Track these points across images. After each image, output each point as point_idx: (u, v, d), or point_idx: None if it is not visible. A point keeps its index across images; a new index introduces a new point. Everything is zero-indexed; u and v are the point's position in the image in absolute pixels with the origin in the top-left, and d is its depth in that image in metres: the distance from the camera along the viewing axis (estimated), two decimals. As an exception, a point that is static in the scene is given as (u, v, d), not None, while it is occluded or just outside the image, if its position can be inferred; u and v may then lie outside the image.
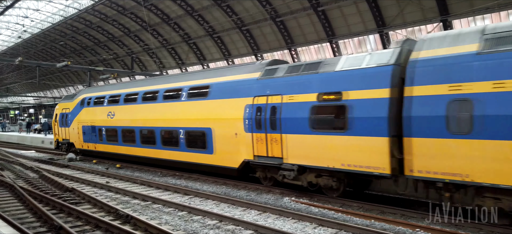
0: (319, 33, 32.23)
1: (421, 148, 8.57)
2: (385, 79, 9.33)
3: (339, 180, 10.68)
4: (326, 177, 10.86)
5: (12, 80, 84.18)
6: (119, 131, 18.60)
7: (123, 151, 18.69)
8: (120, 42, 49.84)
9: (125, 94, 18.75)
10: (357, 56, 10.52)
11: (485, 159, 7.71)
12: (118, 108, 18.80)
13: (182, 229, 8.51)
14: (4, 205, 10.52)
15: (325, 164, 10.40)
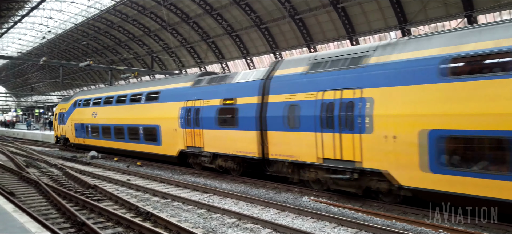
0: (338, 30, 31.87)
1: (273, 138, 12.23)
2: (256, 90, 12.92)
3: (238, 163, 14.21)
4: (229, 161, 14.36)
5: (37, 79, 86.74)
6: (100, 128, 22.29)
7: (103, 144, 22.36)
8: (140, 41, 50.59)
9: (105, 97, 22.46)
10: (248, 72, 14.27)
11: (301, 145, 11.30)
12: (100, 109, 22.54)
13: (202, 227, 8.55)
14: (30, 201, 10.82)
15: (227, 151, 14.00)
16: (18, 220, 6.16)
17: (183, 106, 15.87)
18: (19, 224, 5.93)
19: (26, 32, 59.98)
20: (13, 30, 57.13)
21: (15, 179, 14.52)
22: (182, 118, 15.82)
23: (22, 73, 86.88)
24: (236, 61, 42.44)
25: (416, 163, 8.82)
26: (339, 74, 10.64)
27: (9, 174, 15.68)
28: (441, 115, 8.39)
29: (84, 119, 24.37)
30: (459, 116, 8.10)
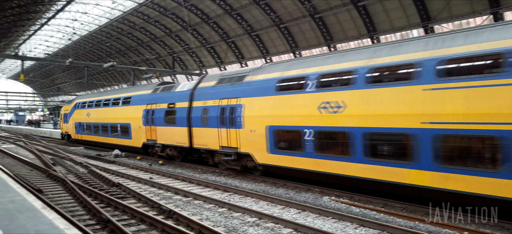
0: (359, 29, 31.50)
1: (195, 133, 16.95)
2: (187, 97, 17.62)
3: (179, 151, 19.07)
4: (173, 150, 19.25)
5: (63, 79, 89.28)
6: (92, 126, 27.74)
7: (94, 139, 27.85)
8: (162, 42, 51.37)
9: (95, 101, 27.99)
10: (185, 83, 19.28)
11: (210, 137, 15.90)
12: (92, 110, 27.96)
13: (223, 225, 8.64)
14: (57, 198, 11.19)
15: (171, 142, 18.86)
16: (47, 217, 6.39)
17: (144, 108, 20.75)
18: (48, 221, 6.16)
19: (53, 34, 61.85)
20: (40, 32, 59.06)
21: (43, 177, 15.02)
22: (144, 118, 20.71)
23: (49, 73, 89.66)
24: (256, 61, 42.52)
25: (264, 148, 13.52)
26: (230, 87, 15.38)
27: (37, 172, 16.24)
28: (273, 116, 13.14)
29: (81, 119, 29.80)
30: (280, 117, 12.88)
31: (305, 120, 11.97)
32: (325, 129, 11.46)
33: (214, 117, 15.53)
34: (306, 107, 11.96)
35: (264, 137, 13.31)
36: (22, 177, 13.96)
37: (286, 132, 12.81)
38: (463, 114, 8.61)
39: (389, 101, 9.98)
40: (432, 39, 9.91)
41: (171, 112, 18.47)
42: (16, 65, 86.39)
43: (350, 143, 10.74)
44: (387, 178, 10.07)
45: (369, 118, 10.31)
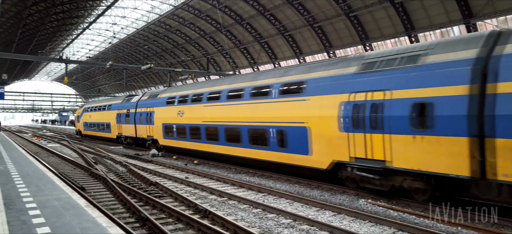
0: (396, 27, 30.64)
1: (138, 128, 27.61)
2: (134, 106, 28.13)
3: (133, 140, 28.78)
4: (129, 139, 29.62)
5: (103, 81, 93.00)
6: (94, 124, 38.94)
7: (93, 134, 39.74)
8: (196, 44, 52.33)
9: (95, 106, 39.70)
10: (137, 96, 29.74)
11: (143, 130, 27.08)
12: (92, 113, 39.86)
13: (257, 226, 8.68)
14: (99, 196, 11.67)
15: (128, 134, 29.52)
16: (90, 215, 6.69)
17: (117, 112, 31.77)
18: (91, 218, 6.44)
19: (94, 37, 64.59)
20: (82, 36, 61.86)
21: (85, 175, 15.72)
22: (117, 119, 31.82)
23: (90, 76, 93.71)
24: (289, 61, 42.37)
25: (161, 135, 23.49)
26: (149, 101, 25.66)
27: (80, 170, 17.01)
28: (164, 118, 22.89)
29: (86, 119, 41.63)
30: (168, 118, 22.70)
31: (185, 121, 20.74)
32: (208, 126, 18.62)
33: (144, 119, 26.14)
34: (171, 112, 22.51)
35: (161, 129, 23.70)
36: (66, 175, 14.67)
37: (181, 128, 21.23)
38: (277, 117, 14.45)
39: (258, 110, 15.43)
40: (281, 70, 15.83)
41: (128, 115, 29.43)
42: (60, 68, 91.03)
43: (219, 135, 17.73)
44: (257, 157, 15.64)
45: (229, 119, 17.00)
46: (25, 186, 9.18)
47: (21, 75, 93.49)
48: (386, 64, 10.94)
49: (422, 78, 9.87)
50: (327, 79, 12.73)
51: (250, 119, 15.67)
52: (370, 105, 10.87)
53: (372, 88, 10.96)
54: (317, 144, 12.70)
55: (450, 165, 9.14)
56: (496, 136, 8.29)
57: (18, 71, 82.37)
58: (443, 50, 9.90)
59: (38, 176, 10.96)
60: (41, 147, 28.79)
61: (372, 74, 11.19)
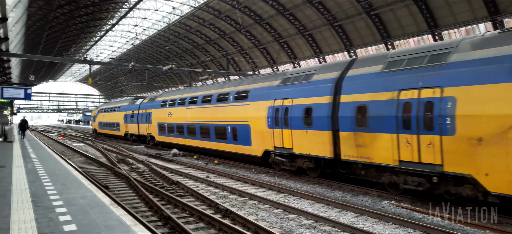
0: (419, 25, 30.00)
1: (140, 126, 32.70)
2: (137, 108, 33.40)
3: (136, 136, 34.83)
4: (134, 136, 35.47)
5: (125, 82, 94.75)
6: (106, 123, 44.80)
7: (104, 131, 45.94)
8: (216, 44, 52.65)
9: (109, 108, 45.19)
10: (139, 100, 35.21)
11: (144, 128, 32.44)
12: (105, 114, 45.69)
13: (278, 227, 8.64)
14: (122, 195, 11.87)
15: (134, 132, 34.75)
16: (115, 213, 6.81)
17: (125, 113, 36.92)
18: (116, 217, 6.55)
19: (116, 39, 65.91)
20: (105, 38, 63.21)
21: (109, 174, 16.04)
22: (125, 118, 37.04)
23: (113, 76, 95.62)
24: (309, 61, 42.10)
25: (157, 133, 28.30)
26: (149, 104, 30.30)
27: (104, 169, 17.37)
28: (159, 118, 27.91)
29: (100, 119, 47.51)
30: (162, 118, 27.34)
31: (173, 120, 25.29)
32: (188, 124, 22.98)
33: (144, 119, 30.98)
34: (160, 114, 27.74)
35: (156, 127, 28.16)
36: (91, 174, 15.00)
37: (171, 126, 25.65)
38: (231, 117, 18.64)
39: (220, 112, 19.66)
40: (237, 81, 20.59)
41: (133, 116, 34.51)
42: (84, 69, 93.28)
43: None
44: (220, 148, 19.76)
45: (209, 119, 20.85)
46: (51, 184, 9.43)
47: (47, 76, 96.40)
48: (294, 80, 15.15)
49: (309, 91, 13.97)
50: (261, 89, 16.89)
51: (215, 119, 20.01)
52: (283, 109, 15.00)
53: (284, 97, 15.08)
54: (255, 137, 16.79)
55: (322, 150, 13.23)
56: (340, 130, 12.40)
57: (44, 73, 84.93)
58: (322, 71, 14.16)
59: (64, 174, 11.24)
60: (66, 146, 29.58)
61: (286, 86, 15.33)
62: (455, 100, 9.21)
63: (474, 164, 8.84)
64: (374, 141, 11.24)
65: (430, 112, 9.72)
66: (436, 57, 10.23)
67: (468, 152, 8.93)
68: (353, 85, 12.27)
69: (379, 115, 11.06)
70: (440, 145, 9.48)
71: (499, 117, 8.40)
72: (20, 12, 26.64)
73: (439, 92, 9.60)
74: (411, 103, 10.19)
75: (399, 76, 10.82)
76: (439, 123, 9.45)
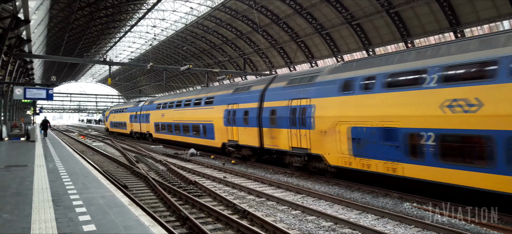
0: (440, 22, 29.28)
1: (142, 125, 37.60)
2: (139, 109, 38.97)
3: (140, 134, 38.85)
4: (138, 134, 39.70)
5: (144, 82, 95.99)
6: (116, 123, 49.31)
7: (116, 130, 49.55)
8: (233, 44, 52.73)
9: (118, 109, 50.41)
10: (141, 102, 41.54)
11: (143, 127, 37.64)
12: (116, 114, 50.13)
13: (297, 229, 8.51)
14: (141, 194, 11.95)
15: (138, 130, 39.15)
16: (133, 213, 6.81)
17: (130, 114, 41.50)
18: (134, 217, 6.55)
19: (135, 40, 66.82)
20: (124, 39, 64.15)
21: (127, 173, 16.20)
22: (130, 118, 41.54)
23: (132, 77, 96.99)
24: (326, 60, 41.68)
25: (153, 130, 33.72)
26: (149, 106, 35.56)
27: (123, 169, 17.57)
28: (157, 119, 32.74)
29: (111, 119, 52.71)
30: (161, 119, 31.87)
31: (165, 120, 30.06)
32: (175, 123, 27.80)
33: (144, 119, 35.81)
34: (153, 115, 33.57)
35: (153, 126, 33.18)
36: (110, 173, 15.18)
37: (163, 125, 30.58)
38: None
39: (196, 113, 24.36)
40: (208, 89, 25.93)
41: (136, 116, 39.09)
42: (104, 70, 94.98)
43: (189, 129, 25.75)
44: (196, 142, 24.36)
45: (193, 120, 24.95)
46: (72, 184, 9.55)
47: (68, 77, 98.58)
48: (240, 90, 20.02)
49: (247, 99, 18.79)
50: (221, 96, 21.85)
51: (193, 119, 24.93)
52: (233, 112, 19.74)
53: (234, 102, 19.95)
54: (217, 133, 21.66)
55: (254, 142, 18.10)
56: (262, 127, 17.18)
57: (66, 73, 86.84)
58: (257, 83, 19.29)
59: (84, 173, 11.39)
60: (86, 146, 30.12)
61: (235, 94, 20.32)
62: (315, 107, 14.02)
63: (323, 148, 13.67)
64: (279, 134, 16.13)
65: (304, 115, 14.47)
66: (310, 78, 15.02)
67: (320, 140, 13.73)
68: (270, 95, 17.09)
69: (281, 116, 15.85)
70: (309, 136, 14.30)
71: (333, 117, 13.14)
72: (42, 14, 27.26)
73: (309, 101, 14.39)
74: (296, 109, 15.00)
75: (292, 90, 15.71)
76: (308, 121, 14.25)
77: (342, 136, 12.66)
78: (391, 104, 11.11)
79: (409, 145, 10.53)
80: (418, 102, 10.32)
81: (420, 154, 10.24)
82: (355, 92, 12.43)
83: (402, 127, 10.71)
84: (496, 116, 8.53)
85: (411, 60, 11.11)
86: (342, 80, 13.15)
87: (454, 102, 9.40)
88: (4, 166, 12.50)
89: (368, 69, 12.31)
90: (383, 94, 11.42)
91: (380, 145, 11.35)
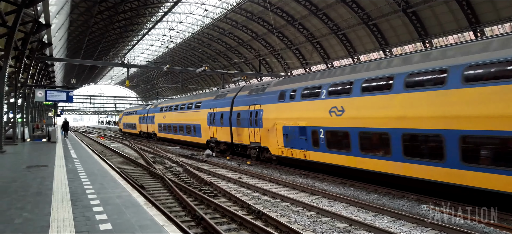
0: (459, 22, 28.70)
1: (146, 126, 44.40)
2: (146, 112, 44.87)
3: (154, 134, 41.49)
4: (145, 133, 45.41)
5: (161, 84, 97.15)
6: (129, 124, 54.51)
7: (128, 130, 55.23)
8: (248, 46, 52.89)
9: (129, 111, 57.81)
10: (149, 105, 50.71)
11: (150, 127, 42.26)
12: (127, 116, 56.95)
13: (311, 230, 8.48)
14: (157, 194, 12.11)
15: (145, 130, 44.22)
16: (148, 213, 6.92)
17: (139, 116, 47.41)
18: (149, 217, 6.66)
19: (152, 43, 67.75)
20: (142, 41, 65.14)
21: (144, 174, 16.44)
22: (139, 119, 47.21)
23: (149, 79, 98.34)
24: (342, 61, 41.35)
25: (157, 130, 39.09)
26: (152, 109, 42.13)
27: (140, 169, 17.84)
28: (160, 121, 38.63)
29: (124, 121, 59.19)
30: (164, 120, 37.13)
31: (166, 121, 35.24)
32: (173, 124, 33.29)
33: (150, 120, 40.60)
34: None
35: (157, 127, 38.27)
36: (127, 174, 15.44)
37: (165, 125, 35.62)
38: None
39: (188, 115, 29.25)
40: (196, 96, 33.13)
41: (144, 118, 44.14)
42: (122, 72, 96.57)
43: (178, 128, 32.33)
44: (188, 139, 29.76)
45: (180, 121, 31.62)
46: (90, 184, 9.76)
47: (88, 79, 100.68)
48: (219, 97, 24.64)
49: (223, 104, 23.21)
50: (206, 101, 26.36)
51: (186, 120, 29.76)
52: (213, 114, 24.26)
53: (214, 106, 24.51)
54: (203, 132, 26.27)
55: (227, 138, 22.49)
56: (232, 126, 21.67)
57: (86, 76, 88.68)
58: (230, 92, 23.70)
59: (102, 174, 11.62)
60: (105, 147, 30.70)
61: (215, 100, 24.76)
62: (263, 111, 18.46)
63: (268, 141, 18.17)
64: (243, 132, 20.61)
65: (257, 117, 18.95)
66: (262, 89, 19.58)
67: (266, 136, 18.25)
68: (237, 101, 21.52)
69: (244, 118, 20.22)
70: (260, 133, 18.81)
71: (273, 119, 17.56)
72: (62, 18, 27.97)
73: (260, 107, 18.83)
74: (253, 112, 19.41)
75: (250, 97, 20.21)
76: (259, 122, 18.71)
77: (278, 132, 17.19)
78: (304, 109, 15.45)
79: (312, 138, 14.92)
80: (317, 108, 14.66)
81: (318, 144, 14.67)
82: (285, 100, 16.88)
83: (309, 125, 15.11)
84: (351, 118, 12.91)
85: (316, 78, 15.64)
86: (279, 91, 17.62)
87: (334, 108, 13.69)
88: (26, 167, 12.87)
89: (294, 84, 16.86)
90: (300, 102, 15.82)
91: (298, 138, 15.80)
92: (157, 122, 38.13)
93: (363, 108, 12.45)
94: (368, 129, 12.30)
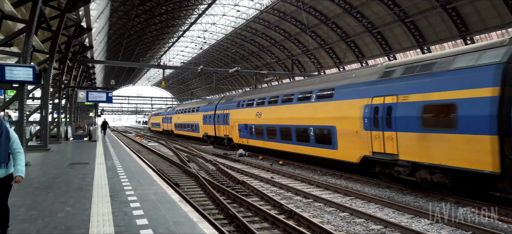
0: (503, 17, 27.23)
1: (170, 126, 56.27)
2: (167, 113, 58.19)
3: (170, 132, 53.57)
4: (169, 131, 57.53)
5: (195, 85, 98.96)
6: (154, 123, 68.77)
7: (155, 129, 67.92)
8: (281, 46, 52.80)
9: (155, 113, 74.52)
10: (173, 106, 65.74)
11: (166, 125, 57.33)
12: (153, 117, 71.63)
13: (345, 231, 8.35)
14: (191, 192, 12.37)
15: (168, 129, 56.55)
16: (183, 209, 7.09)
17: (162, 117, 60.19)
18: (183, 213, 6.82)
19: (187, 44, 69.17)
20: (177, 43, 66.68)
21: (179, 172, 16.83)
22: (162, 120, 59.33)
23: (184, 80, 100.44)
24: (378, 59, 40.36)
25: (174, 128, 50.59)
26: (171, 111, 53.09)
27: (175, 168, 18.28)
28: (174, 122, 50.18)
29: (151, 121, 73.11)
30: (175, 121, 50.88)
31: (180, 120, 45.51)
32: (180, 123, 45.51)
33: (169, 120, 52.07)
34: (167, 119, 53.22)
35: (173, 125, 49.10)
36: (163, 172, 15.87)
37: (178, 124, 46.04)
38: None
39: (190, 117, 40.81)
40: (193, 102, 51.75)
41: (166, 118, 54.27)
42: (158, 74, 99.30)
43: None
44: (191, 134, 40.64)
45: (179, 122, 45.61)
46: (127, 181, 10.12)
47: (126, 81, 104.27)
48: (209, 103, 34.20)
49: (210, 109, 32.41)
50: (202, 107, 35.19)
51: (191, 121, 38.90)
52: (205, 116, 33.68)
53: (205, 111, 33.86)
54: (200, 129, 35.41)
55: (212, 133, 32.35)
56: (215, 124, 31.30)
57: (124, 77, 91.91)
58: (216, 100, 32.95)
59: (139, 171, 12.01)
60: (142, 146, 31.68)
61: (207, 105, 34.18)
62: (229, 114, 26.92)
63: (232, 134, 26.84)
64: (220, 128, 29.45)
65: (226, 118, 27.62)
66: (231, 99, 28.09)
67: (231, 131, 26.85)
68: (218, 107, 30.29)
69: (220, 119, 28.86)
70: (228, 129, 27.41)
71: (233, 119, 26.29)
72: (102, 22, 29.17)
73: (228, 111, 27.29)
74: (225, 115, 27.95)
75: (224, 104, 28.71)
76: (228, 122, 27.07)
77: (236, 128, 25.78)
78: (246, 113, 24.22)
79: (249, 131, 23.53)
80: (251, 113, 23.37)
81: (252, 134, 23.24)
82: (239, 108, 25.51)
83: (248, 123, 23.76)
84: (264, 118, 21.47)
85: (252, 94, 25.10)
86: (237, 101, 26.31)
87: (258, 113, 22.39)
88: (69, 164, 13.53)
89: (243, 97, 25.92)
90: (245, 109, 24.48)
91: (244, 131, 24.33)
92: (174, 122, 48.10)
93: (269, 113, 21.22)
94: (271, 125, 20.92)
